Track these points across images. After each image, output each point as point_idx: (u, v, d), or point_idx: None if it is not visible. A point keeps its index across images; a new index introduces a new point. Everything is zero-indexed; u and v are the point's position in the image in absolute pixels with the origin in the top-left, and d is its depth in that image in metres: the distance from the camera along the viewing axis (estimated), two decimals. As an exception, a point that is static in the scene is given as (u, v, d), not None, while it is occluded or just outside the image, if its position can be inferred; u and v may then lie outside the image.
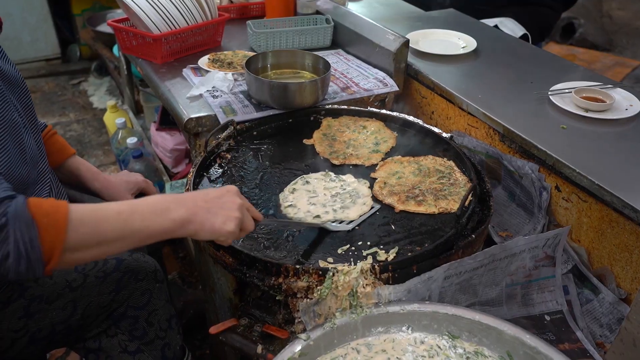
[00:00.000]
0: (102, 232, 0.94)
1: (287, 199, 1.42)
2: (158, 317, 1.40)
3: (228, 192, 1.10)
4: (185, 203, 1.02)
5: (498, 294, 1.40)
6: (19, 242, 0.87)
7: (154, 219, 0.99)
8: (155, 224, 0.99)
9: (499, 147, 1.69)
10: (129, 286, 1.34)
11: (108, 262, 1.33)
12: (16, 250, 0.87)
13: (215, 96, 1.81)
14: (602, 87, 1.79)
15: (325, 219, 1.33)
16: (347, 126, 1.73)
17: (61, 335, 1.30)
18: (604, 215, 1.41)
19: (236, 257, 1.22)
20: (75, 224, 0.92)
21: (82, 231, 0.92)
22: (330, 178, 1.50)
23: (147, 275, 1.36)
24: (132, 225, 0.97)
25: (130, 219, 0.97)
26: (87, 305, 1.29)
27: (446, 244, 1.24)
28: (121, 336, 1.36)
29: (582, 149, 1.51)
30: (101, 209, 0.96)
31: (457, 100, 1.83)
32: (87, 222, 0.93)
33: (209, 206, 1.05)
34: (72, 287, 1.28)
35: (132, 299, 1.35)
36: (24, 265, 0.88)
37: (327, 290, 1.12)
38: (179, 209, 1.01)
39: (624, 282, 1.41)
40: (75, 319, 1.29)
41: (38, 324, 1.25)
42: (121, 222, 0.96)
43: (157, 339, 1.39)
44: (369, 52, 2.10)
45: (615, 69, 4.62)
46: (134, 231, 0.97)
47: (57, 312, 1.27)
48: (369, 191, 1.45)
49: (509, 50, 2.23)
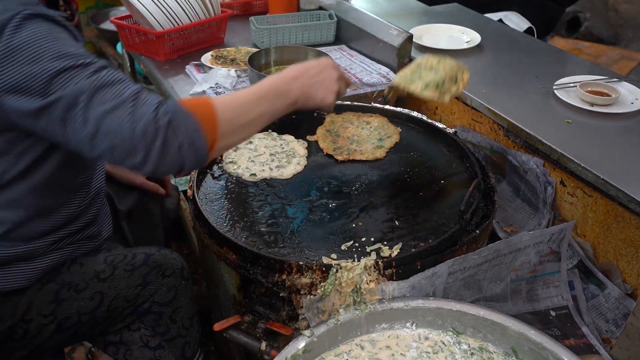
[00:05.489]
0: (240, 116, 1.08)
1: (230, 155, 1.54)
2: (182, 315, 1.40)
3: (327, 66, 1.25)
4: (297, 84, 1.18)
5: (503, 290, 1.39)
6: (186, 132, 0.97)
7: (277, 102, 1.15)
8: (278, 106, 1.15)
9: (504, 142, 1.68)
10: (156, 282, 1.34)
11: (137, 255, 1.33)
12: (186, 139, 0.97)
13: (218, 93, 1.81)
14: (607, 80, 1.77)
15: (261, 176, 1.45)
16: (351, 122, 1.72)
17: (87, 327, 1.31)
18: (609, 210, 1.40)
19: (240, 254, 1.22)
20: (221, 110, 1.04)
21: (228, 116, 1.05)
22: (272, 137, 1.62)
23: (174, 272, 1.36)
24: (261, 109, 1.11)
25: (259, 103, 1.11)
26: (114, 297, 1.30)
27: (450, 239, 1.24)
28: (144, 331, 1.37)
29: (588, 143, 1.50)
30: (234, 99, 1.09)
31: (461, 95, 1.82)
32: (229, 109, 1.06)
33: (313, 83, 1.21)
34: (100, 278, 1.29)
35: (158, 294, 1.35)
36: (192, 154, 0.99)
37: (331, 287, 1.12)
38: (294, 90, 1.17)
39: (630, 277, 1.41)
40: (102, 310, 1.30)
41: (66, 312, 1.26)
42: (254, 107, 1.10)
43: (179, 337, 1.40)
44: (372, 48, 2.09)
45: (621, 63, 4.59)
46: (262, 114, 1.12)
47: (84, 302, 1.28)
48: (305, 151, 1.56)
49: (513, 44, 2.22)
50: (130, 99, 0.95)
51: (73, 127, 0.95)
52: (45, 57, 0.95)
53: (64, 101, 0.94)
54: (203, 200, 1.40)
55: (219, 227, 1.29)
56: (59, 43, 0.97)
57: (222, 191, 1.44)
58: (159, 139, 0.94)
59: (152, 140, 0.94)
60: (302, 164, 1.52)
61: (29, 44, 0.95)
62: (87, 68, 0.96)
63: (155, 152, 0.95)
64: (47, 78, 0.94)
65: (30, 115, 0.97)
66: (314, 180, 1.47)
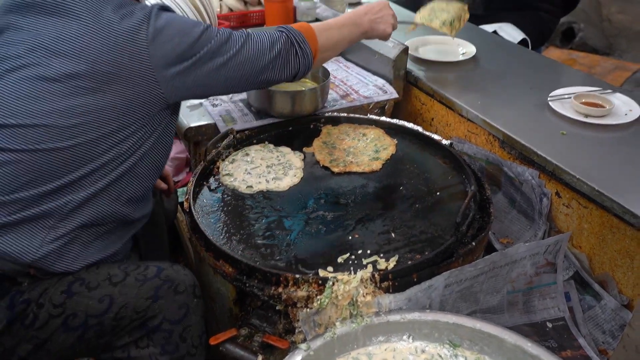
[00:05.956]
0: (332, 37, 1.50)
1: (226, 168, 1.56)
2: (192, 334, 1.38)
3: (385, 7, 1.64)
4: (366, 18, 1.58)
5: (499, 301, 1.39)
6: (298, 44, 1.41)
7: (354, 29, 1.56)
8: (354, 33, 1.57)
9: (499, 154, 1.69)
10: (168, 297, 1.32)
11: (149, 267, 1.33)
12: (299, 48, 1.41)
13: (215, 105, 1.82)
14: (601, 92, 1.79)
15: (258, 188, 1.48)
16: (347, 134, 1.73)
17: (93, 333, 1.29)
18: (604, 221, 1.40)
19: (236, 267, 1.22)
20: (318, 30, 1.47)
21: (323, 34, 1.48)
22: (268, 149, 1.64)
23: (186, 288, 1.34)
24: (343, 33, 1.54)
25: (342, 29, 1.54)
26: (123, 305, 1.28)
27: (446, 251, 1.24)
28: (152, 349, 1.35)
29: (582, 154, 1.51)
30: (325, 25, 1.52)
31: (456, 107, 1.83)
32: (323, 29, 1.49)
33: (376, 17, 1.60)
34: (112, 281, 1.29)
35: (169, 311, 1.33)
36: (303, 59, 1.43)
37: (327, 300, 1.12)
38: (365, 23, 1.58)
39: (626, 288, 1.41)
40: (109, 317, 1.28)
41: (74, 308, 1.26)
42: (339, 31, 1.53)
43: (188, 355, 1.38)
44: (368, 60, 2.11)
45: (616, 73, 4.61)
46: (344, 37, 1.54)
47: (93, 303, 1.27)
48: (301, 163, 1.58)
49: (508, 56, 2.23)
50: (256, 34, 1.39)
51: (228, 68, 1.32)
52: (185, 28, 1.26)
53: (210, 52, 1.28)
54: (199, 213, 1.40)
55: (216, 240, 1.29)
56: (184, 19, 1.31)
57: (219, 203, 1.44)
58: (283, 50, 1.39)
59: (278, 53, 1.38)
60: (299, 176, 1.53)
61: (168, 24, 1.24)
62: (210, 28, 1.31)
63: (281, 61, 1.39)
64: (193, 42, 1.26)
65: (180, 76, 1.26)
66: (311, 192, 1.48)
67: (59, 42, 1.18)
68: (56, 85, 1.18)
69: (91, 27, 1.19)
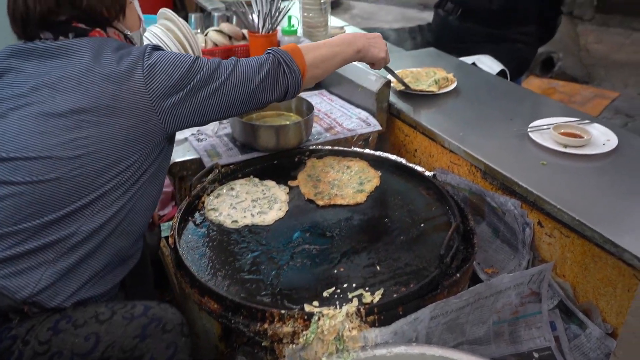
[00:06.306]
0: (321, 54, 1.52)
1: (211, 203, 1.56)
2: None
3: (379, 36, 1.68)
4: (361, 38, 1.62)
5: (486, 332, 1.40)
6: (285, 63, 1.43)
7: (346, 48, 1.57)
8: (347, 51, 1.57)
9: (482, 184, 1.71)
10: (155, 336, 1.31)
11: (136, 305, 1.32)
12: (287, 67, 1.43)
13: (200, 139, 1.83)
14: (579, 122, 1.83)
15: (243, 223, 1.48)
16: (332, 166, 1.75)
17: None
18: (586, 250, 1.42)
19: (221, 303, 1.22)
20: (304, 48, 1.49)
21: (312, 53, 1.50)
22: (253, 183, 1.65)
23: (174, 327, 1.33)
24: (334, 50, 1.55)
25: (332, 47, 1.55)
26: (109, 344, 1.27)
27: (431, 283, 1.25)
28: None
29: (563, 184, 1.54)
30: (312, 44, 1.55)
31: (438, 138, 1.86)
32: (311, 47, 1.52)
33: (371, 42, 1.63)
34: (98, 319, 1.28)
35: (156, 350, 1.31)
36: (292, 77, 1.44)
37: (313, 335, 1.11)
38: (359, 42, 1.60)
39: (610, 316, 1.42)
40: (96, 355, 1.26)
41: (60, 346, 1.24)
42: (329, 48, 1.54)
43: None
44: (351, 93, 2.14)
45: (595, 101, 4.72)
46: (336, 53, 1.55)
47: (79, 340, 1.25)
48: (286, 197, 1.59)
49: (488, 87, 2.28)
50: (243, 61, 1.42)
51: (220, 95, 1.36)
52: (176, 61, 1.31)
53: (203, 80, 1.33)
54: (184, 248, 1.40)
55: (200, 276, 1.28)
56: (175, 54, 1.35)
57: (204, 239, 1.44)
58: (272, 70, 1.41)
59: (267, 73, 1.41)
60: (284, 210, 1.54)
61: (160, 59, 1.30)
62: (200, 59, 1.36)
63: (270, 81, 1.41)
64: (185, 72, 1.31)
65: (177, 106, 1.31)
66: (296, 226, 1.48)
67: (62, 79, 1.24)
68: (61, 120, 1.23)
69: (93, 65, 1.25)
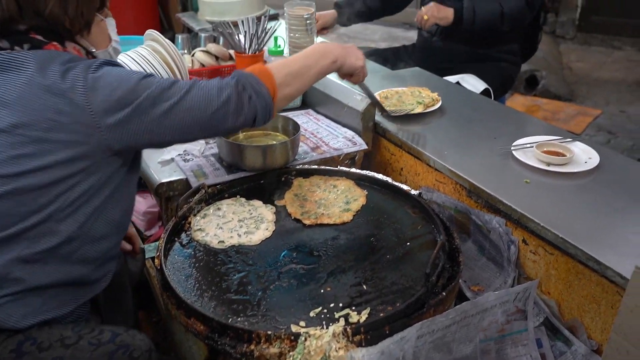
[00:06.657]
0: (292, 70, 1.42)
1: (198, 223, 1.55)
2: None
3: (354, 47, 1.61)
4: (336, 48, 1.54)
5: (473, 350, 1.40)
6: (251, 87, 1.33)
7: (321, 60, 1.48)
8: (322, 62, 1.48)
9: (467, 202, 1.73)
10: None
11: (103, 332, 1.30)
12: (253, 91, 1.33)
13: (187, 160, 1.83)
14: (561, 141, 1.85)
15: (229, 243, 1.48)
16: (318, 186, 1.75)
17: None
18: (570, 267, 1.44)
19: (208, 325, 1.21)
20: (274, 67, 1.40)
21: (280, 70, 1.40)
22: (240, 203, 1.65)
23: (142, 354, 1.31)
24: (307, 62, 1.46)
25: (305, 59, 1.47)
26: None
27: (417, 302, 1.25)
28: None
29: (546, 202, 1.56)
30: (283, 60, 1.47)
31: (424, 157, 1.88)
32: (280, 65, 1.42)
33: (348, 51, 1.56)
34: (64, 343, 1.25)
35: None
36: (260, 101, 1.34)
37: (300, 356, 1.11)
38: (334, 52, 1.52)
39: (595, 333, 1.43)
40: None
41: None
42: (301, 61, 1.46)
43: None
44: (338, 112, 2.16)
45: (579, 118, 4.79)
46: (309, 66, 1.46)
47: None
48: (273, 216, 1.59)
49: (472, 106, 2.30)
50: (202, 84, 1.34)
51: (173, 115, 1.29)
52: (123, 76, 1.26)
53: (151, 98, 1.25)
54: (171, 269, 1.39)
55: (187, 297, 1.28)
56: (126, 70, 1.31)
57: (190, 259, 1.44)
58: (234, 95, 1.31)
59: (228, 98, 1.31)
60: (271, 230, 1.54)
61: (106, 73, 1.25)
62: (151, 76, 1.30)
63: (233, 106, 1.31)
64: (132, 88, 1.24)
65: (123, 123, 1.24)
66: (282, 246, 1.48)
67: (6, 93, 1.22)
68: (3, 137, 1.21)
69: (35, 77, 1.22)
